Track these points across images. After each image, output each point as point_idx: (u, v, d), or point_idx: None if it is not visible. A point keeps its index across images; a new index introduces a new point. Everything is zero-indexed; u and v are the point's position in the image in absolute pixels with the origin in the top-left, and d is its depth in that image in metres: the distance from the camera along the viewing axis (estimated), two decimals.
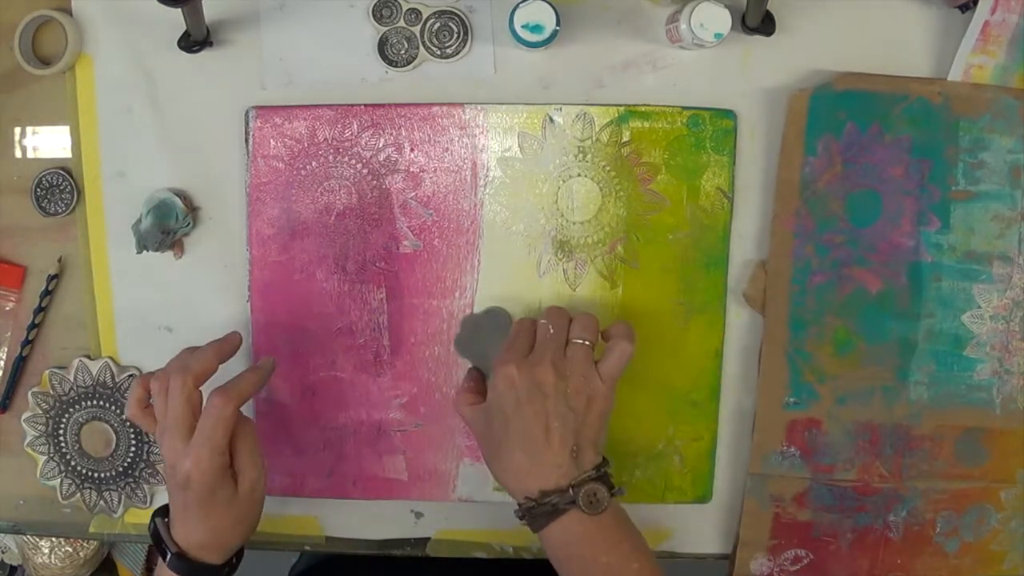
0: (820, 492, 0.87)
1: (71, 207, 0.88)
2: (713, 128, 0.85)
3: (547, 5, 0.78)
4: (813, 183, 0.84)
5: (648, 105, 0.85)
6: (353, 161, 0.86)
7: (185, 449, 0.73)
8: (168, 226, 0.85)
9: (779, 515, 0.88)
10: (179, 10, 0.75)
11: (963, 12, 0.83)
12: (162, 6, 0.71)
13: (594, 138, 0.85)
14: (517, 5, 0.78)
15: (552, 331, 0.77)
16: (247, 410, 0.89)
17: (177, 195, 0.86)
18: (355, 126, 0.86)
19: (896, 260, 0.85)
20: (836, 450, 0.87)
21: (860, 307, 0.85)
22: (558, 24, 0.78)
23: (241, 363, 0.88)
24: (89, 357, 0.90)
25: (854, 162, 0.84)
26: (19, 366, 0.91)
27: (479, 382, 0.83)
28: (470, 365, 0.87)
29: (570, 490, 0.72)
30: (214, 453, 0.73)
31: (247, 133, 0.86)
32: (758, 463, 0.87)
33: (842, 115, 0.83)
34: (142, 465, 0.91)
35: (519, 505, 0.75)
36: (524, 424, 0.73)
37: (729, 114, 0.85)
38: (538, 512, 0.73)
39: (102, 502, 0.92)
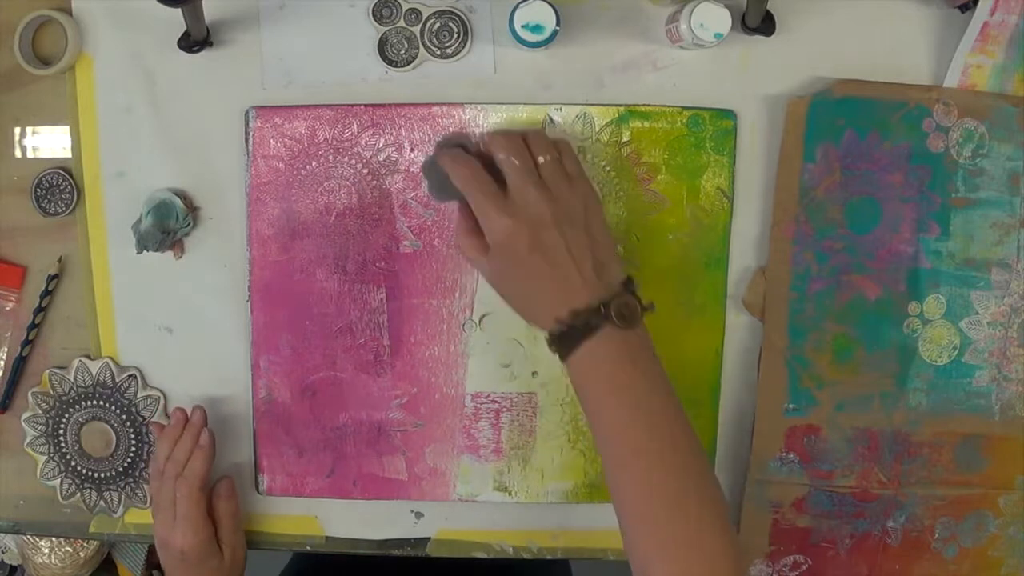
0: (819, 498, 0.87)
1: (71, 207, 0.88)
2: (713, 128, 0.85)
3: (547, 5, 0.77)
4: (812, 190, 0.84)
5: (648, 105, 0.85)
6: (353, 161, 0.86)
7: (172, 526, 0.85)
8: (168, 226, 0.85)
9: (778, 521, 0.88)
10: (179, 10, 0.75)
11: (963, 12, 0.83)
12: (162, 6, 0.71)
13: (594, 138, 0.85)
14: (517, 5, 0.78)
15: (517, 162, 0.72)
16: (247, 410, 0.89)
17: (177, 195, 0.86)
18: (355, 126, 0.85)
19: (895, 267, 0.85)
20: (835, 456, 0.87)
21: (859, 314, 0.85)
22: (558, 24, 0.78)
23: (241, 369, 0.89)
24: (89, 357, 0.90)
25: (853, 169, 0.84)
26: (19, 366, 0.91)
27: (474, 220, 0.74)
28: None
29: (601, 307, 0.69)
30: (196, 530, 0.84)
31: (247, 133, 0.86)
32: (757, 469, 0.87)
33: (841, 122, 0.83)
34: (142, 465, 0.91)
35: (549, 334, 0.71)
36: (540, 263, 0.70)
37: (729, 114, 0.85)
38: (570, 334, 0.70)
39: (102, 502, 0.92)
